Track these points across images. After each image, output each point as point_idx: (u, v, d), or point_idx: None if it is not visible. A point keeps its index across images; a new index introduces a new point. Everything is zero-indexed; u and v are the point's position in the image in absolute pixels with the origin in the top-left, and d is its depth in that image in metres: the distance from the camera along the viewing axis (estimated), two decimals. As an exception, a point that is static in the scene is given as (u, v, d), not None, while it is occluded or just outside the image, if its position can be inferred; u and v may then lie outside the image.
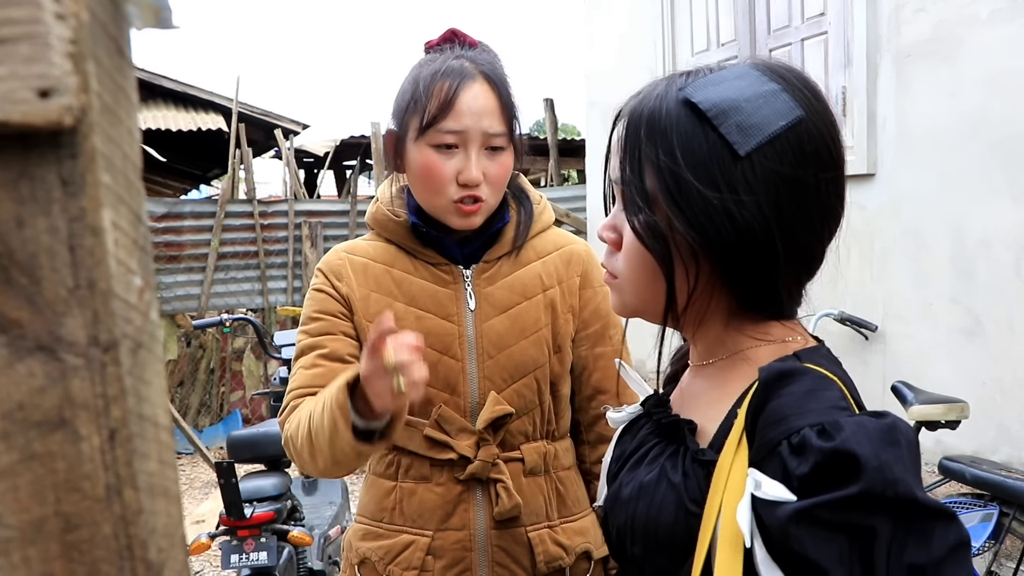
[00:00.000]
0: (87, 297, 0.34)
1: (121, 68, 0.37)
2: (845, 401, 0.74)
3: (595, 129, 5.99)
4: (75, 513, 0.35)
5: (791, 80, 0.80)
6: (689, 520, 0.78)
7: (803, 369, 0.77)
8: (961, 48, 3.37)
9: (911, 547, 0.64)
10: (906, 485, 0.65)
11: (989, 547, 2.81)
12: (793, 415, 0.72)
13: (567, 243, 1.49)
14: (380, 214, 1.44)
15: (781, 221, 0.77)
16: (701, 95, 0.79)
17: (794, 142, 0.77)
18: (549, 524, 1.41)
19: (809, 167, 0.78)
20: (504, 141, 1.33)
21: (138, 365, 0.36)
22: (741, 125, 0.77)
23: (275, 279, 7.63)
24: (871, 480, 0.64)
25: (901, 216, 3.65)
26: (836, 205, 0.83)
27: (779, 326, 0.86)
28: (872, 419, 0.69)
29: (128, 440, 0.35)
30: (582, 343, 1.46)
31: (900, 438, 0.67)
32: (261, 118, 9.96)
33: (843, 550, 0.65)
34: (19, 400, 0.34)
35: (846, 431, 0.67)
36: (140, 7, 0.36)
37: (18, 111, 0.32)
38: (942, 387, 3.20)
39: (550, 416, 1.44)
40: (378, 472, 1.43)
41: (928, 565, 0.64)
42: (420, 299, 1.38)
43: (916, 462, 0.68)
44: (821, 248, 0.84)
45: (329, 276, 1.41)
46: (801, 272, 0.84)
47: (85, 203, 0.34)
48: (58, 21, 0.32)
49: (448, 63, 1.32)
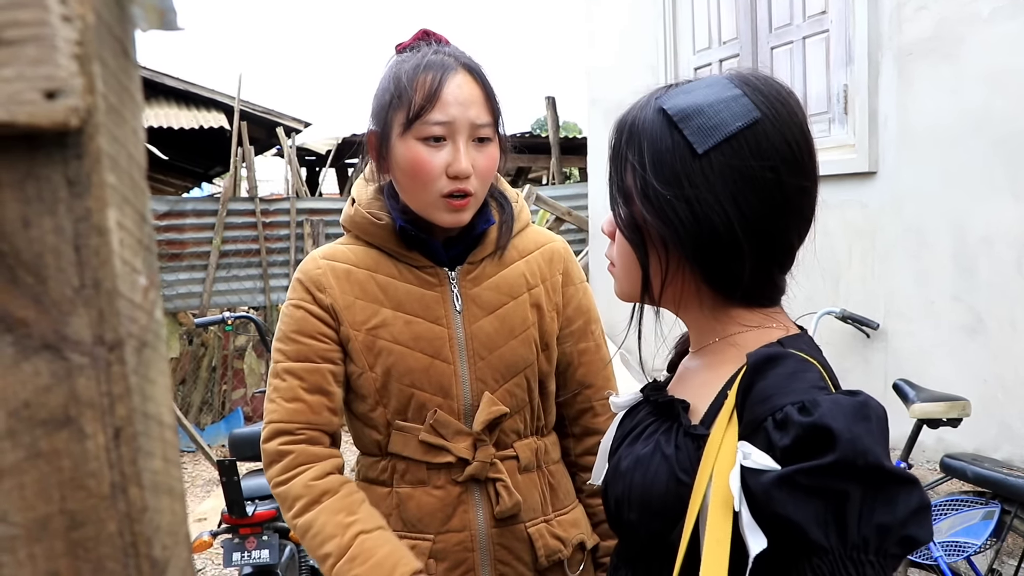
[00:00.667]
0: (92, 296, 0.35)
1: (126, 69, 0.37)
2: (824, 382, 0.83)
3: (596, 127, 5.99)
4: (80, 511, 0.35)
5: (756, 85, 0.89)
6: (680, 488, 0.87)
7: (787, 353, 0.85)
8: (962, 46, 3.37)
9: (879, 509, 0.73)
10: (875, 455, 0.73)
11: (991, 545, 2.81)
12: (777, 394, 0.80)
13: (547, 241, 1.49)
14: (359, 217, 1.40)
15: (740, 213, 0.86)
16: (671, 103, 0.89)
17: (751, 140, 0.86)
18: (545, 518, 1.42)
19: (767, 163, 0.86)
20: (491, 132, 1.32)
21: (143, 364, 0.37)
22: (702, 127, 0.86)
23: (277, 277, 7.64)
24: (844, 450, 0.72)
25: (903, 214, 3.65)
26: (800, 200, 0.89)
27: (760, 314, 0.93)
28: (846, 397, 0.77)
29: (133, 438, 0.36)
30: (566, 340, 1.47)
31: (871, 414, 0.76)
32: (263, 116, 9.97)
33: (819, 511, 0.73)
34: (25, 398, 0.34)
35: (823, 407, 0.75)
36: (145, 9, 0.36)
37: (24, 112, 0.32)
38: (944, 385, 3.20)
39: (539, 413, 1.45)
40: (371, 478, 1.41)
41: (893, 524, 0.73)
42: (407, 303, 1.36)
43: (884, 435, 0.77)
44: (789, 239, 0.91)
45: (309, 288, 1.37)
46: (770, 262, 0.90)
47: (91, 203, 0.34)
48: (64, 23, 0.32)
49: (428, 57, 1.31)
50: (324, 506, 1.29)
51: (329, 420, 1.36)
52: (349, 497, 1.30)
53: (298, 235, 7.64)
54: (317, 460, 1.33)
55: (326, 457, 1.34)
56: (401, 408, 1.36)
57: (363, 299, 1.36)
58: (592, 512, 1.51)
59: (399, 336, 1.34)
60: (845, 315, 3.60)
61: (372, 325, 1.34)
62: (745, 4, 4.55)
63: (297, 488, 1.31)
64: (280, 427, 1.34)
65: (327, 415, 1.35)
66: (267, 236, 7.56)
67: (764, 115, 0.86)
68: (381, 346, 1.34)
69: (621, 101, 0.95)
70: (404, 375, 1.34)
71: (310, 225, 7.63)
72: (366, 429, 1.40)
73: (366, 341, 1.34)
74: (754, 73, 0.91)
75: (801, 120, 0.89)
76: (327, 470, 1.33)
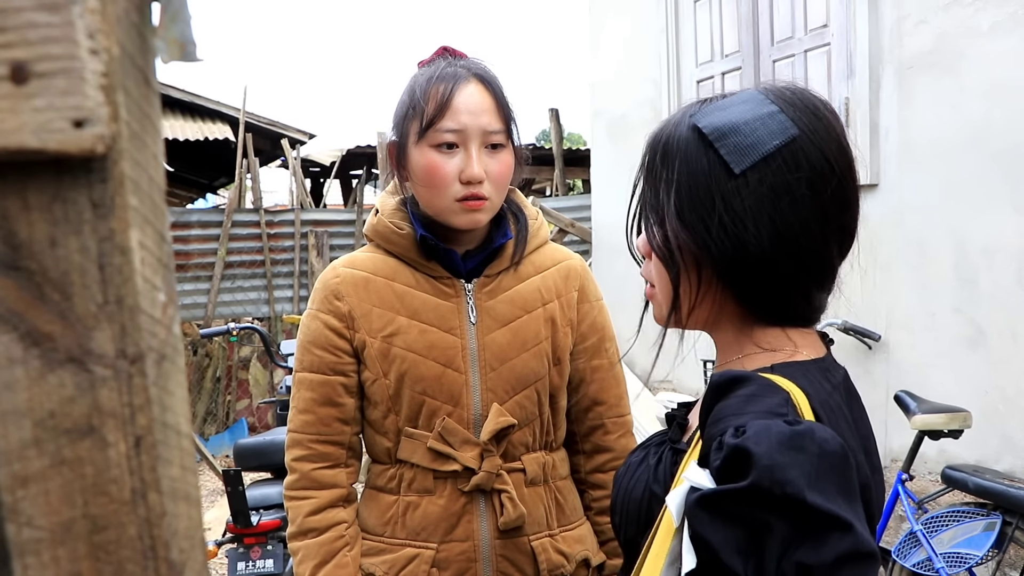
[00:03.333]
0: (115, 312, 0.37)
1: (147, 97, 0.39)
2: (786, 408, 0.77)
3: (600, 139, 6.01)
4: (102, 515, 0.37)
5: (791, 100, 0.87)
6: (652, 499, 0.88)
7: (751, 376, 0.82)
8: (963, 60, 3.39)
9: (804, 547, 0.68)
10: (795, 487, 0.68)
11: (992, 556, 2.81)
12: (730, 416, 0.77)
13: (564, 258, 1.51)
14: (382, 226, 1.44)
15: (777, 233, 0.83)
16: (706, 120, 0.87)
17: (788, 158, 0.83)
18: (550, 533, 1.43)
19: (803, 181, 0.83)
20: (503, 138, 1.35)
21: (162, 376, 0.39)
22: (738, 146, 0.84)
23: (281, 288, 7.66)
24: (759, 477, 0.69)
25: (904, 226, 3.66)
26: (840, 215, 0.87)
27: (784, 336, 0.90)
28: (782, 424, 0.72)
29: (153, 447, 0.38)
30: (580, 356, 1.48)
31: (808, 445, 0.70)
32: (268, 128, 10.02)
33: (738, 538, 0.70)
34: (51, 408, 0.36)
35: (749, 432, 0.72)
36: (167, 42, 0.39)
37: (54, 140, 0.34)
38: (945, 396, 3.21)
39: (549, 427, 1.46)
40: (379, 486, 1.44)
41: (817, 566, 0.67)
42: (423, 312, 1.39)
43: (829, 471, 0.70)
44: (829, 258, 0.88)
45: (327, 296, 1.41)
46: (808, 282, 0.88)
47: (114, 224, 0.36)
48: (92, 56, 0.34)
49: (442, 70, 1.35)
50: (306, 543, 1.39)
51: (340, 430, 1.42)
52: (328, 545, 1.38)
53: (302, 246, 7.67)
54: (319, 488, 1.41)
55: (328, 485, 1.41)
56: (412, 415, 1.39)
57: (380, 307, 1.39)
58: (600, 530, 1.51)
59: (413, 344, 1.37)
60: (847, 327, 3.61)
61: (387, 332, 1.38)
62: (747, 17, 4.58)
63: (293, 513, 1.41)
64: (294, 437, 1.42)
65: (337, 425, 1.41)
66: (272, 247, 7.59)
67: (801, 131, 0.84)
68: (395, 353, 1.37)
69: (624, 113, 0.96)
70: (416, 382, 1.37)
71: (314, 236, 7.65)
72: (377, 436, 1.43)
73: (381, 348, 1.38)
74: (790, 87, 0.89)
75: (839, 134, 0.87)
76: (323, 504, 1.40)
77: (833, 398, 0.84)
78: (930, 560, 2.88)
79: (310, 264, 7.61)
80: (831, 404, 0.83)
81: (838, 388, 0.87)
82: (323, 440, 1.40)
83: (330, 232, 7.77)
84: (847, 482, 0.72)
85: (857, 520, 0.70)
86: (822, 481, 0.69)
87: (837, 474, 0.71)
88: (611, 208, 5.65)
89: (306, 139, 10.74)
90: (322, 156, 11.03)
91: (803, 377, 0.84)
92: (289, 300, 7.67)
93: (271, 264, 7.57)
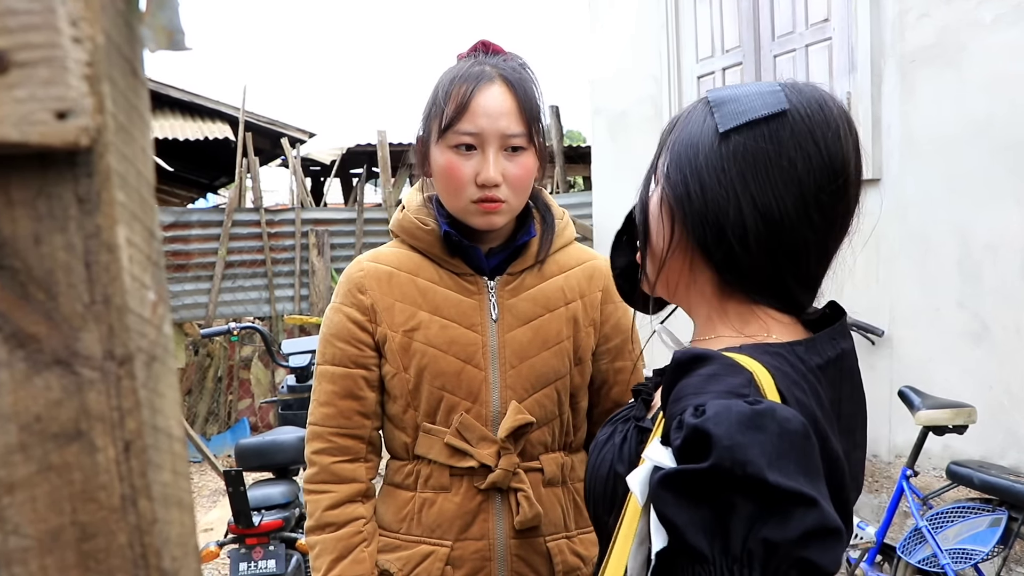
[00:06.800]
0: (103, 312, 0.35)
1: (135, 88, 0.38)
2: (748, 389, 0.76)
3: (600, 136, 5.99)
4: (91, 523, 0.36)
5: (799, 88, 0.89)
6: (615, 478, 0.88)
7: (714, 355, 0.81)
8: (965, 53, 3.37)
9: (769, 524, 0.68)
10: (756, 467, 0.68)
11: (998, 552, 2.80)
12: (691, 395, 0.77)
13: (589, 258, 1.50)
14: (407, 222, 1.45)
15: (751, 198, 0.85)
16: (716, 93, 0.91)
17: (773, 128, 0.86)
18: (567, 534, 1.42)
19: (784, 156, 0.85)
20: (524, 141, 1.34)
21: (152, 378, 0.37)
22: (732, 111, 0.88)
23: (282, 287, 7.65)
24: (720, 458, 0.69)
25: (907, 221, 3.65)
26: (829, 201, 0.86)
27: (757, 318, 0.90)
28: (742, 404, 0.72)
29: (143, 451, 0.36)
30: (602, 357, 1.48)
31: (768, 424, 0.71)
32: (268, 127, 10.01)
33: (703, 518, 0.70)
34: (37, 412, 0.35)
35: (709, 412, 0.72)
36: (154, 30, 0.37)
37: (36, 132, 0.33)
38: (949, 392, 3.20)
39: (568, 428, 1.45)
40: (396, 482, 1.44)
41: (782, 543, 0.68)
42: (444, 308, 1.39)
43: (788, 450, 0.71)
44: (807, 243, 0.87)
45: (351, 290, 1.42)
46: (782, 259, 0.87)
47: (100, 220, 0.35)
48: (75, 45, 0.33)
49: (468, 69, 1.34)
50: (324, 538, 1.39)
51: (361, 424, 1.42)
52: (345, 540, 1.38)
53: (303, 245, 7.65)
54: (339, 482, 1.40)
55: (348, 479, 1.41)
56: (430, 410, 1.39)
57: (402, 301, 1.40)
58: None
59: (434, 339, 1.37)
60: (850, 322, 3.59)
61: (409, 327, 1.38)
62: (748, 12, 4.56)
63: (312, 507, 1.42)
64: (315, 430, 1.42)
65: (358, 419, 1.41)
66: (272, 246, 7.58)
67: (793, 108, 0.86)
68: (416, 347, 1.37)
69: (624, 110, 0.96)
70: (436, 377, 1.37)
71: (315, 235, 7.64)
72: (396, 431, 1.43)
73: (402, 342, 1.38)
74: (807, 84, 0.92)
75: (838, 125, 0.87)
76: (341, 499, 1.40)
77: (807, 379, 0.83)
78: (935, 556, 2.87)
79: (311, 263, 7.60)
80: (803, 386, 0.82)
81: (814, 370, 0.85)
82: (343, 433, 1.41)
83: (331, 231, 7.75)
84: (809, 460, 0.72)
85: (821, 497, 0.70)
86: (783, 459, 0.70)
87: (798, 452, 0.71)
88: (612, 205, 5.64)
89: (306, 138, 10.73)
90: (322, 155, 11.02)
91: (771, 358, 0.83)
92: (290, 299, 7.65)
93: (272, 263, 7.56)
